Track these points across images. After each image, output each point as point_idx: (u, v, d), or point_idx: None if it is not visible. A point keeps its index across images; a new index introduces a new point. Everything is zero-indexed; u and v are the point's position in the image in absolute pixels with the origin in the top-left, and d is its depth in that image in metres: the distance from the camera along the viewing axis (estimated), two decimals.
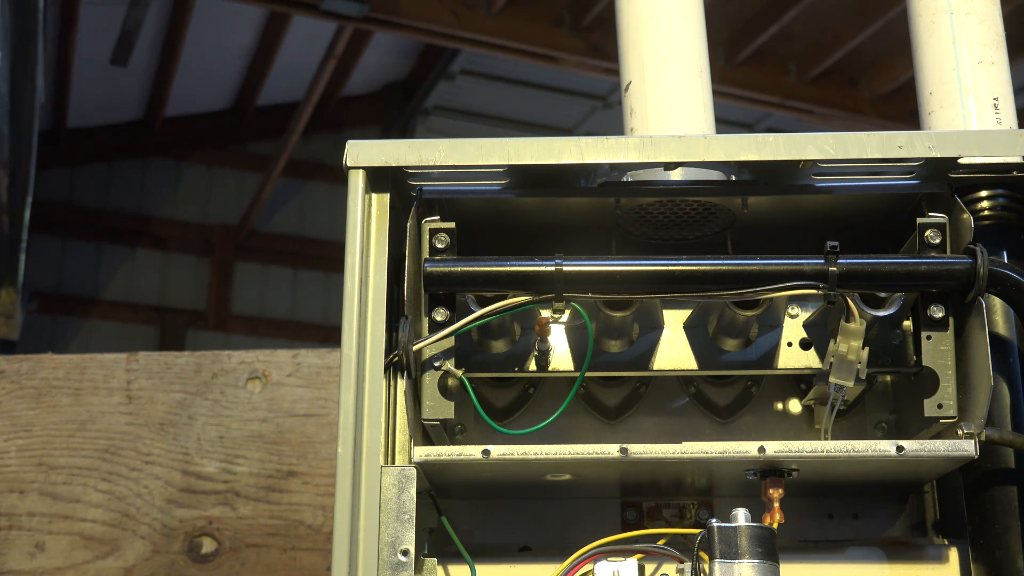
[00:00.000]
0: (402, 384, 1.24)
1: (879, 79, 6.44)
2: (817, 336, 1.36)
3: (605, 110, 7.59)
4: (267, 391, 2.09)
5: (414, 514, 1.19)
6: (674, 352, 1.38)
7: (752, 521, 1.16)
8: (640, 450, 1.22)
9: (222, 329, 8.04)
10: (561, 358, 1.38)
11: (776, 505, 1.23)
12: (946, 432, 1.28)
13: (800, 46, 6.27)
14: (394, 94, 8.05)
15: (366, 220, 1.27)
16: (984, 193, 1.37)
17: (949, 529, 1.38)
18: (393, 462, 1.25)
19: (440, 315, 1.27)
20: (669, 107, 1.59)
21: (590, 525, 1.43)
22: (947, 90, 1.58)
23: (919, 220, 1.30)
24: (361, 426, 1.21)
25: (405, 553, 1.18)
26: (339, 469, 1.19)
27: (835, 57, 6.19)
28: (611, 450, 1.22)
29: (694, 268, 1.24)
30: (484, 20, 5.86)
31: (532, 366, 1.37)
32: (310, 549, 2.02)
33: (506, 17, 5.89)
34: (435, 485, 1.32)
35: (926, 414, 1.27)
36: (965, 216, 1.27)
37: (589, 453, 1.22)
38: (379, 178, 1.29)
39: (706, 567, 1.15)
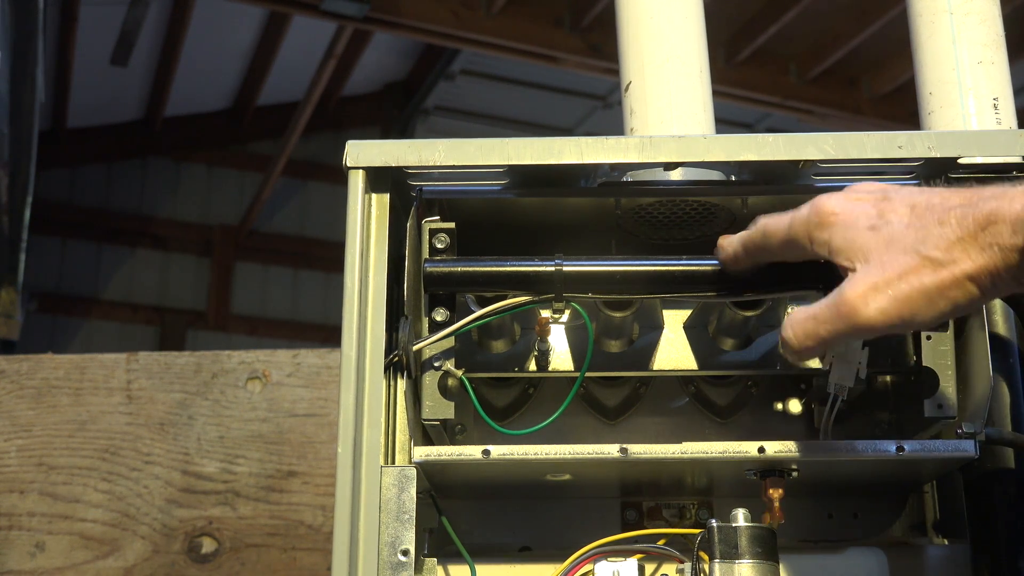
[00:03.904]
0: (402, 384, 1.23)
1: (879, 79, 6.44)
2: None
3: (605, 110, 7.59)
4: (267, 391, 2.09)
5: (414, 514, 1.19)
6: (674, 352, 1.37)
7: (752, 521, 1.16)
8: (640, 450, 1.21)
9: (222, 329, 8.04)
10: (561, 358, 1.38)
11: (776, 505, 1.23)
12: (946, 432, 1.28)
13: (800, 46, 6.27)
14: (394, 94, 8.05)
15: (366, 220, 1.27)
16: None
17: (949, 529, 1.38)
18: (393, 462, 1.25)
19: (440, 315, 1.26)
20: (669, 107, 1.59)
21: (590, 525, 1.43)
22: (947, 90, 1.58)
23: None
24: (361, 426, 1.21)
25: (405, 553, 1.18)
26: (339, 469, 1.19)
27: (835, 57, 6.20)
28: (611, 450, 1.21)
29: (694, 268, 1.23)
30: (484, 20, 5.86)
31: (532, 366, 1.36)
32: (310, 549, 2.02)
33: (506, 17, 5.89)
34: (435, 485, 1.32)
35: (926, 414, 1.27)
36: None
37: (589, 453, 1.22)
38: (379, 178, 1.29)
39: (706, 567, 1.15)
